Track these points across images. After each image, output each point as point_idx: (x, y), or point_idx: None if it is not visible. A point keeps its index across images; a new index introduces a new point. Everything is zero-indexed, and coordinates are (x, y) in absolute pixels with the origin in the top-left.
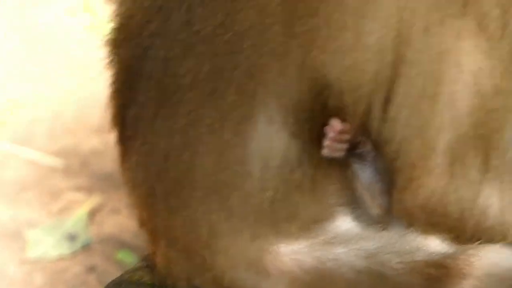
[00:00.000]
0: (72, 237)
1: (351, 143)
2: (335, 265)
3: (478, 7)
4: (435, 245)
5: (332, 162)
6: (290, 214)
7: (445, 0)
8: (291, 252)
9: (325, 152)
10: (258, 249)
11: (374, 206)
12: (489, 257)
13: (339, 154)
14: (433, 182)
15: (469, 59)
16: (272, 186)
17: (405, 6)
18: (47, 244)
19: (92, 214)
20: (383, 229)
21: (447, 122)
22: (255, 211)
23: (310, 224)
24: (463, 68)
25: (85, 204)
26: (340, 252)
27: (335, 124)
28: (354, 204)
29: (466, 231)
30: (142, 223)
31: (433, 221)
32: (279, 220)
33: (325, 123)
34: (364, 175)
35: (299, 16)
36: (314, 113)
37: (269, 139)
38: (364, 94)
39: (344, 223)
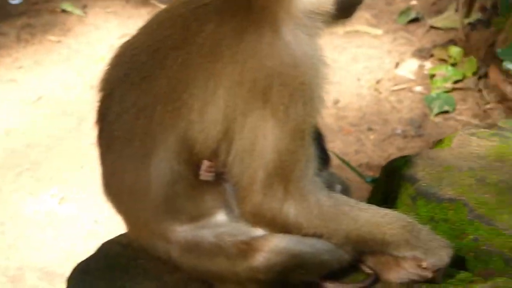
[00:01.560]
0: None
1: (217, 172)
2: (201, 239)
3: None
4: (254, 232)
5: (208, 182)
6: (180, 209)
7: (252, 99)
8: (182, 230)
9: (202, 177)
10: (165, 226)
11: (235, 208)
12: (275, 239)
13: (211, 178)
14: (254, 198)
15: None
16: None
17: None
18: None
19: None
20: (238, 222)
21: (260, 165)
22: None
23: (195, 217)
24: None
25: None
26: (206, 232)
27: (205, 162)
28: (226, 206)
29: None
30: None
31: (256, 220)
32: (175, 212)
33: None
34: (228, 189)
35: (173, 99)
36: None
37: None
38: (214, 146)
39: (219, 217)
